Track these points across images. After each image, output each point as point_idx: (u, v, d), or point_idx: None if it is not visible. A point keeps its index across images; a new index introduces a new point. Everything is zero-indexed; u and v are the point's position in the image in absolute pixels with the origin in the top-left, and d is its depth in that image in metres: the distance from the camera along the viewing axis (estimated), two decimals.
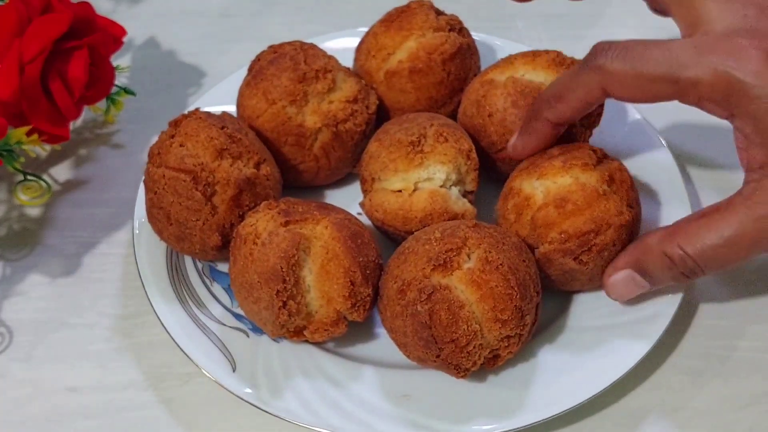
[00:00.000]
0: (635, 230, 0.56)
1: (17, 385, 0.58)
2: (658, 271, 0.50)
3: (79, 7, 0.65)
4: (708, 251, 0.48)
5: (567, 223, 0.53)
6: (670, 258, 0.48)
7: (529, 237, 0.55)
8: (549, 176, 0.55)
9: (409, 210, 0.57)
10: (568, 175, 0.54)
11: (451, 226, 0.54)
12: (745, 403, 0.56)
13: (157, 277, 0.60)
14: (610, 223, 0.53)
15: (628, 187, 0.55)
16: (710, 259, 0.48)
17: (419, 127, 0.59)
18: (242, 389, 0.53)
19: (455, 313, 0.50)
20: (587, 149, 0.56)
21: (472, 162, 0.59)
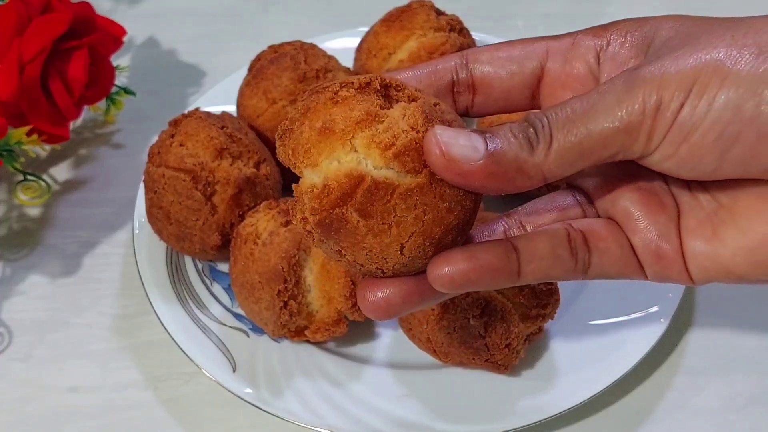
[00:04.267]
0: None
1: (17, 385, 0.58)
2: (503, 129, 0.34)
3: (79, 7, 0.65)
4: (565, 112, 0.34)
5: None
6: (525, 118, 0.35)
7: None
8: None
9: None
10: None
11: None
12: (745, 403, 0.56)
13: (157, 277, 0.60)
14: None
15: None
16: (565, 120, 0.34)
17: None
18: (242, 389, 0.53)
19: (508, 319, 0.51)
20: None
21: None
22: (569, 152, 0.33)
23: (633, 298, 0.57)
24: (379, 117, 0.33)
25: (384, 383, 0.55)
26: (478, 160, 0.33)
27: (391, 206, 0.33)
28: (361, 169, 0.33)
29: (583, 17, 0.86)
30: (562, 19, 0.86)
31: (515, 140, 0.33)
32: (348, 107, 0.33)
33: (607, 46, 0.37)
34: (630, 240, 0.37)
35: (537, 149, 0.33)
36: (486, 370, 0.54)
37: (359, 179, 0.33)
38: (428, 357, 0.55)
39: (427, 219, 0.33)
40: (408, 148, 0.33)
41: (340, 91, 0.33)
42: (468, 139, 0.33)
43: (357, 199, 0.33)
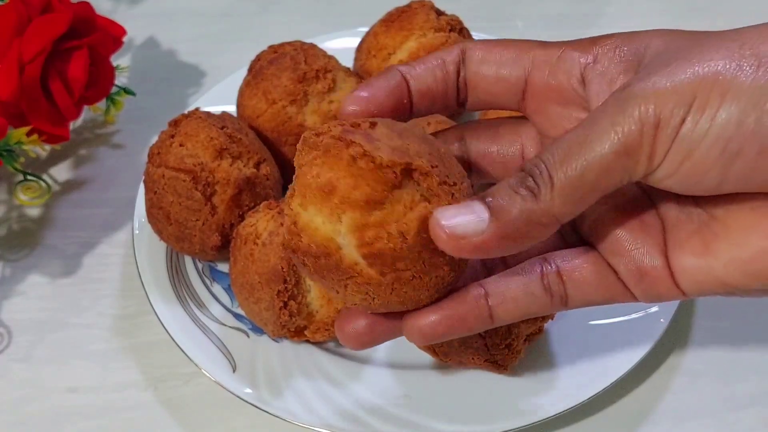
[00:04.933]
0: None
1: (17, 385, 0.58)
2: (501, 186, 0.33)
3: (79, 7, 0.65)
4: (561, 149, 0.32)
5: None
6: (522, 168, 0.33)
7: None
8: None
9: None
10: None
11: None
12: (745, 404, 0.56)
13: (157, 277, 0.60)
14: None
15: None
16: (561, 159, 0.32)
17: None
18: (242, 389, 0.53)
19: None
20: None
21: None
22: (574, 189, 0.32)
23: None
24: (378, 206, 0.33)
25: (384, 383, 0.55)
26: (485, 229, 0.32)
27: (344, 284, 0.34)
28: (336, 243, 0.33)
29: (583, 18, 0.86)
30: (563, 20, 0.86)
31: (516, 194, 0.32)
32: (355, 183, 0.32)
33: (595, 63, 0.36)
34: (611, 263, 0.36)
35: (540, 195, 0.32)
36: (486, 370, 0.54)
37: (327, 252, 0.33)
38: (428, 357, 0.55)
39: (375, 302, 0.35)
40: (383, 254, 0.33)
41: (359, 160, 0.32)
42: (470, 212, 0.32)
43: (318, 263, 0.34)
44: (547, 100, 0.38)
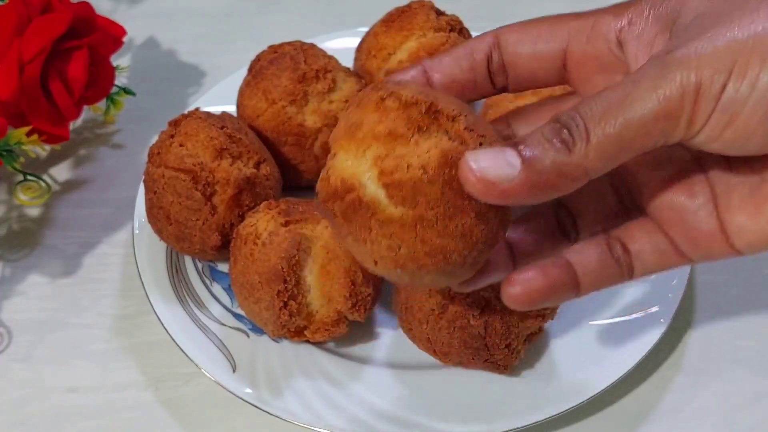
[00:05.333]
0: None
1: (17, 385, 0.58)
2: (535, 135, 0.33)
3: (79, 7, 0.65)
4: (599, 105, 0.32)
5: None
6: (555, 119, 0.33)
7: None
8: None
9: None
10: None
11: None
12: (745, 404, 0.56)
13: (157, 277, 0.60)
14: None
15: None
16: (600, 114, 0.32)
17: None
18: (242, 389, 0.53)
19: (507, 320, 0.50)
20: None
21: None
22: (610, 145, 0.32)
23: (633, 298, 0.57)
24: (402, 140, 0.33)
25: (384, 383, 0.55)
26: (516, 176, 0.32)
27: (369, 225, 0.33)
28: (358, 179, 0.33)
29: None
30: None
31: (550, 145, 0.32)
32: (381, 118, 0.33)
33: (630, 25, 0.36)
34: (667, 231, 0.37)
35: (575, 149, 0.32)
36: (486, 370, 0.54)
37: (350, 188, 0.33)
38: (428, 357, 0.55)
39: (401, 252, 0.34)
40: (402, 184, 0.32)
41: (386, 99, 0.33)
42: (501, 158, 0.32)
43: (342, 203, 0.34)
44: (588, 69, 0.38)
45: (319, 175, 0.36)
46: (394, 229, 0.33)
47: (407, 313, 0.54)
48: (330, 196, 0.34)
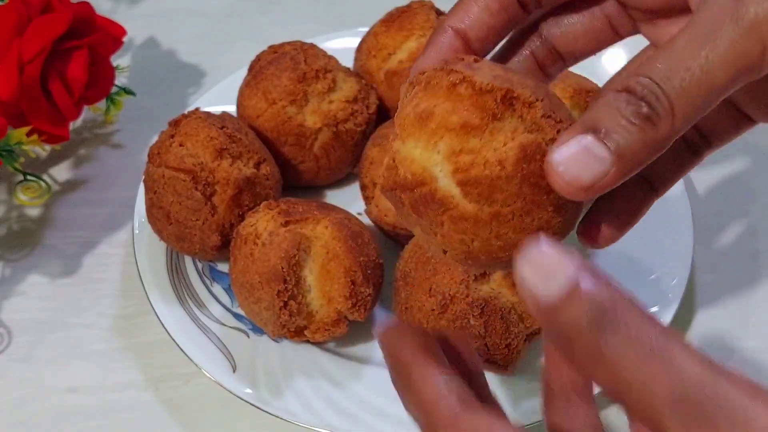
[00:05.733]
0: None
1: (17, 385, 0.58)
2: (613, 116, 0.30)
3: (79, 7, 0.65)
4: (678, 72, 0.31)
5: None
6: (629, 90, 0.31)
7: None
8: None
9: None
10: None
11: None
12: None
13: (157, 277, 0.60)
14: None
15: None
16: (681, 85, 0.31)
17: None
18: (242, 389, 0.53)
19: (507, 319, 0.50)
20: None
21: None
22: (695, 113, 0.30)
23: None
24: (476, 131, 0.31)
25: (384, 383, 0.54)
26: (609, 171, 0.30)
27: (440, 220, 0.32)
28: (432, 173, 0.31)
29: None
30: None
31: (633, 127, 0.30)
32: (453, 107, 0.31)
33: None
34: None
35: (660, 125, 0.30)
36: (486, 370, 0.54)
37: (422, 182, 0.32)
38: None
39: (474, 246, 0.32)
40: (478, 181, 0.31)
41: (459, 85, 0.31)
42: (589, 155, 0.30)
43: (414, 196, 0.32)
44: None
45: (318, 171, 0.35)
46: (467, 225, 0.31)
47: (407, 313, 0.54)
48: (397, 186, 0.33)
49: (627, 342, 0.26)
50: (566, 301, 0.27)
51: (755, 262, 0.63)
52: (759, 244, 0.65)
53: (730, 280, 0.62)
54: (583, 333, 0.27)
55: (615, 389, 0.27)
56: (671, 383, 0.26)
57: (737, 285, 0.62)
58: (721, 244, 0.64)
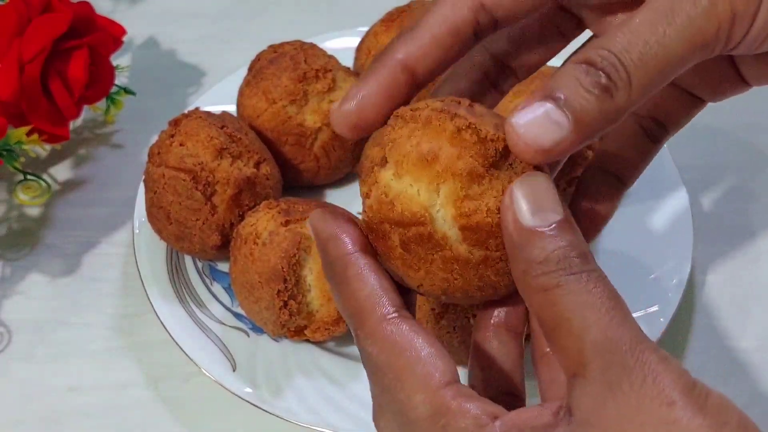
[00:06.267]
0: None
1: (17, 384, 0.58)
2: (572, 84, 0.31)
3: (79, 6, 0.65)
4: (637, 46, 0.32)
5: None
6: (589, 61, 0.31)
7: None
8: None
9: None
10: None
11: None
12: (744, 404, 0.56)
13: (157, 277, 0.60)
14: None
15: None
16: (639, 58, 0.32)
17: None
18: (242, 389, 0.53)
19: None
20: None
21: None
22: (651, 86, 0.32)
23: (633, 298, 0.57)
24: (480, 179, 0.32)
25: None
26: (566, 136, 0.31)
27: (431, 258, 0.33)
28: (431, 214, 0.32)
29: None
30: None
31: (591, 96, 0.31)
32: (459, 153, 0.32)
33: None
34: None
35: (617, 95, 0.31)
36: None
37: (419, 222, 0.32)
38: None
39: (455, 284, 0.33)
40: (480, 228, 0.32)
41: (464, 131, 0.32)
42: (547, 119, 0.31)
43: (407, 233, 0.33)
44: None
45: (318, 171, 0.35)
46: (457, 266, 0.33)
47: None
48: (390, 221, 0.33)
49: (583, 291, 0.29)
50: (549, 234, 0.30)
51: (755, 262, 0.63)
52: (759, 244, 0.65)
53: (730, 280, 0.62)
54: (549, 266, 0.30)
55: (552, 323, 0.30)
56: (607, 333, 0.29)
57: (737, 285, 0.62)
58: (721, 244, 0.64)
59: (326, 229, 0.35)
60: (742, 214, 0.66)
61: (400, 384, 0.32)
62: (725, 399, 0.29)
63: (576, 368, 0.30)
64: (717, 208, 0.67)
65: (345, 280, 0.34)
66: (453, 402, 0.31)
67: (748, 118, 0.72)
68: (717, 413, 0.29)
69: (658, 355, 0.29)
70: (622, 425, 0.28)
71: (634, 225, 0.62)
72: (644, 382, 0.28)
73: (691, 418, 0.28)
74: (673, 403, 0.28)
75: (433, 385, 0.31)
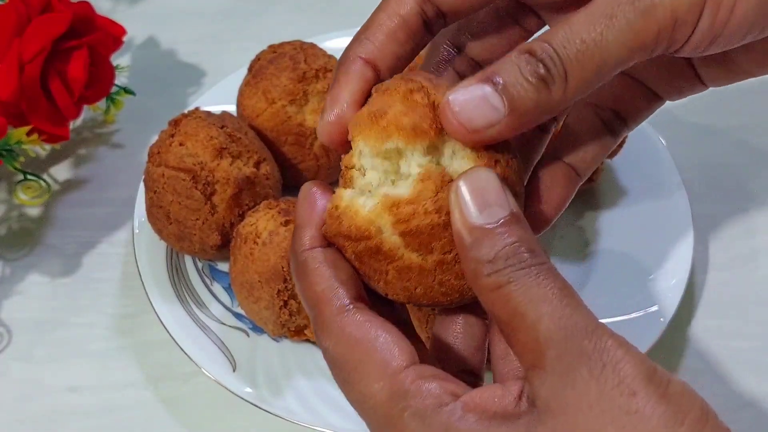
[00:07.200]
0: None
1: (17, 384, 0.58)
2: (512, 71, 0.32)
3: (78, 6, 0.65)
4: (574, 43, 0.32)
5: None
6: (530, 51, 0.32)
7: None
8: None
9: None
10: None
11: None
12: (745, 403, 0.56)
13: (157, 277, 0.60)
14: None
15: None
16: (575, 55, 0.32)
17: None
18: (242, 389, 0.53)
19: None
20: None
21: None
22: (587, 83, 0.32)
23: (633, 297, 0.57)
24: (422, 137, 0.32)
25: None
26: (502, 120, 0.31)
27: (385, 269, 0.33)
28: (376, 226, 0.32)
29: None
30: None
31: (530, 85, 0.31)
32: (405, 111, 0.32)
33: None
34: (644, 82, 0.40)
35: (554, 88, 0.32)
36: (486, 369, 0.54)
37: (366, 236, 0.32)
38: None
39: (417, 292, 0.33)
40: (420, 231, 0.32)
41: (416, 93, 0.33)
42: (484, 101, 0.31)
43: (358, 247, 0.33)
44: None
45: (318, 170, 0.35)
46: (412, 275, 0.33)
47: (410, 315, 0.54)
48: (340, 235, 0.33)
49: (534, 284, 0.30)
50: (497, 230, 0.30)
51: (755, 262, 0.63)
52: (758, 244, 0.65)
53: (729, 280, 0.62)
54: (499, 264, 0.30)
55: (506, 318, 0.30)
56: (560, 322, 0.29)
57: (737, 285, 0.62)
58: (721, 244, 0.65)
59: (299, 216, 0.35)
60: (742, 214, 0.66)
61: (357, 375, 0.32)
62: (686, 386, 0.29)
63: (533, 360, 0.30)
64: (717, 208, 0.67)
65: (304, 273, 0.34)
66: (412, 385, 0.31)
67: (748, 118, 0.72)
68: (678, 401, 0.28)
69: (616, 340, 0.30)
70: (584, 412, 0.28)
71: (634, 225, 0.62)
72: (604, 369, 0.29)
73: (653, 408, 0.28)
74: (634, 393, 0.28)
75: (390, 371, 0.31)
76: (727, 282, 0.62)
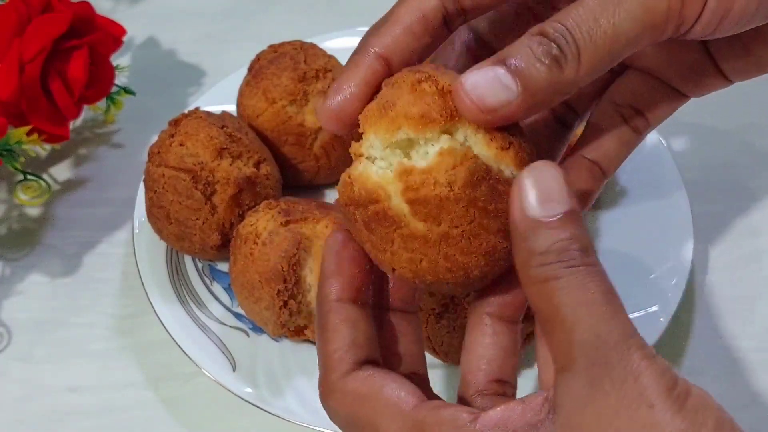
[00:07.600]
0: None
1: (17, 384, 0.58)
2: (525, 53, 0.32)
3: (79, 6, 0.65)
4: (587, 23, 0.32)
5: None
6: (543, 33, 0.32)
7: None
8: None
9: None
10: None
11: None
12: (745, 403, 0.56)
13: (157, 277, 0.60)
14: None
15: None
16: (589, 31, 0.32)
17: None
18: (242, 389, 0.53)
19: None
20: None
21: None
22: (600, 62, 0.32)
23: (633, 297, 0.57)
24: (432, 125, 0.32)
25: None
26: (514, 100, 0.32)
27: (391, 237, 0.33)
28: (386, 191, 0.32)
29: None
30: None
31: (542, 65, 0.32)
32: (414, 100, 0.33)
33: None
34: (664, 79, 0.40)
35: (566, 67, 0.32)
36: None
37: (375, 199, 0.33)
38: (428, 356, 0.55)
39: (422, 266, 0.33)
40: (428, 201, 0.32)
41: (424, 82, 0.33)
42: (497, 81, 0.32)
43: (367, 213, 0.33)
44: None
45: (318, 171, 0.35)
46: (416, 245, 0.33)
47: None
48: (352, 202, 0.34)
49: (579, 285, 0.30)
50: (554, 225, 0.30)
51: (755, 262, 0.63)
52: (759, 244, 0.65)
53: (730, 280, 0.62)
54: (549, 257, 0.30)
55: (546, 314, 0.30)
56: (595, 329, 0.29)
57: (737, 285, 0.62)
58: (721, 244, 0.65)
59: (326, 266, 0.36)
60: (742, 214, 0.66)
61: (373, 427, 0.33)
62: (705, 398, 0.29)
63: (564, 362, 0.30)
64: (717, 208, 0.67)
65: (324, 327, 0.35)
66: (428, 415, 0.31)
67: (748, 118, 0.72)
68: (695, 414, 0.28)
69: (643, 352, 0.29)
70: (602, 428, 0.29)
71: (634, 225, 0.62)
72: (625, 381, 0.29)
73: (670, 421, 0.28)
74: (652, 406, 0.28)
75: (403, 410, 0.32)
76: (727, 282, 0.62)
